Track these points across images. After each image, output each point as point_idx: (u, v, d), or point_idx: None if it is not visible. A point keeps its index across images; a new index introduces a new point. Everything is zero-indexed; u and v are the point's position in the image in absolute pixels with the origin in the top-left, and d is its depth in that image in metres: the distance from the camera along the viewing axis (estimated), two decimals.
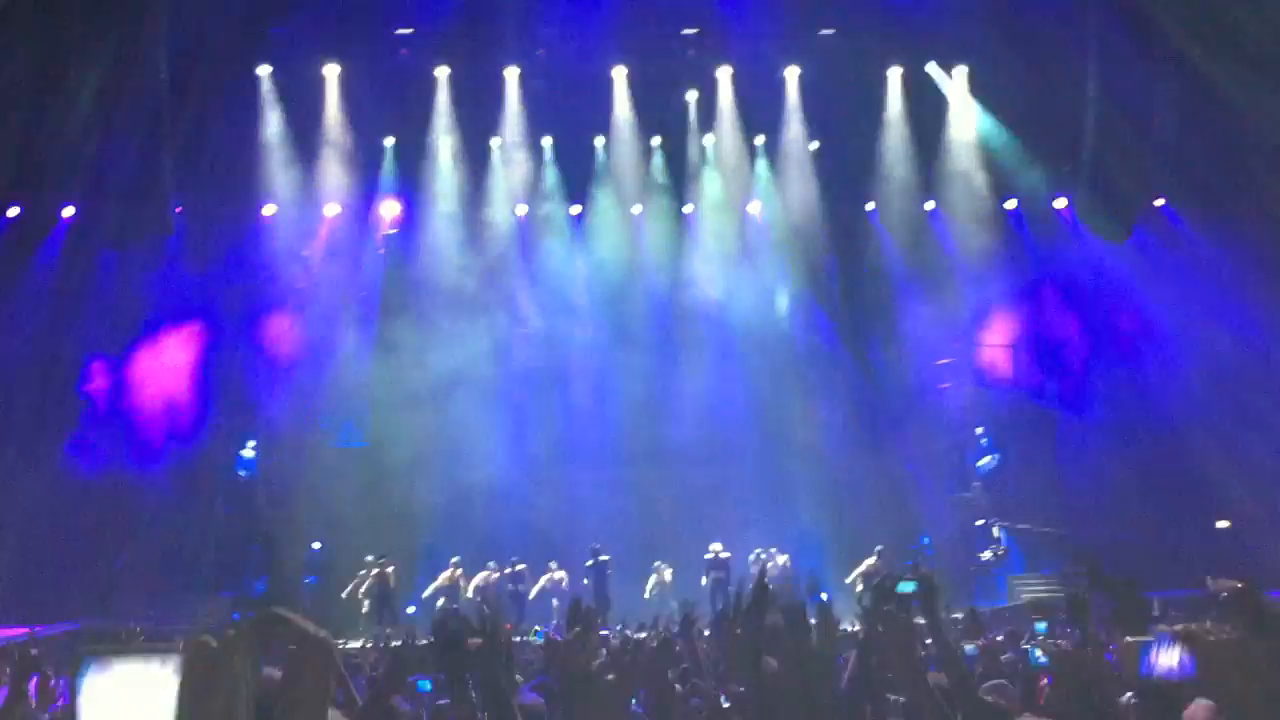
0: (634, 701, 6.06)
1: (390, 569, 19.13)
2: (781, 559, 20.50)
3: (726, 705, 6.07)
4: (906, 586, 5.11)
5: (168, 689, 2.64)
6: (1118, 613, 11.25)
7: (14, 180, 19.37)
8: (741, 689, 5.75)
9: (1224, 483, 19.66)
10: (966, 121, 22.13)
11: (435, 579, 19.52)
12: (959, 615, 17.82)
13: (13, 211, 20.15)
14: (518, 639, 15.49)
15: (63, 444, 18.90)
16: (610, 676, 5.61)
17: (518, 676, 6.00)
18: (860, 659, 5.21)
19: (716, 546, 20.20)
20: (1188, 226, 21.71)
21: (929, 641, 5.69)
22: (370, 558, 19.25)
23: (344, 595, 18.97)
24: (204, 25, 18.91)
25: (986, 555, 20.92)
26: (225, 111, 19.87)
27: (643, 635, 12.56)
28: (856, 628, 14.42)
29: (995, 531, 20.81)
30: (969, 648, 9.97)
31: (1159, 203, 21.95)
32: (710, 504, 21.18)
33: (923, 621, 5.19)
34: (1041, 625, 11.71)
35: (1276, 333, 19.78)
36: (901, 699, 5.47)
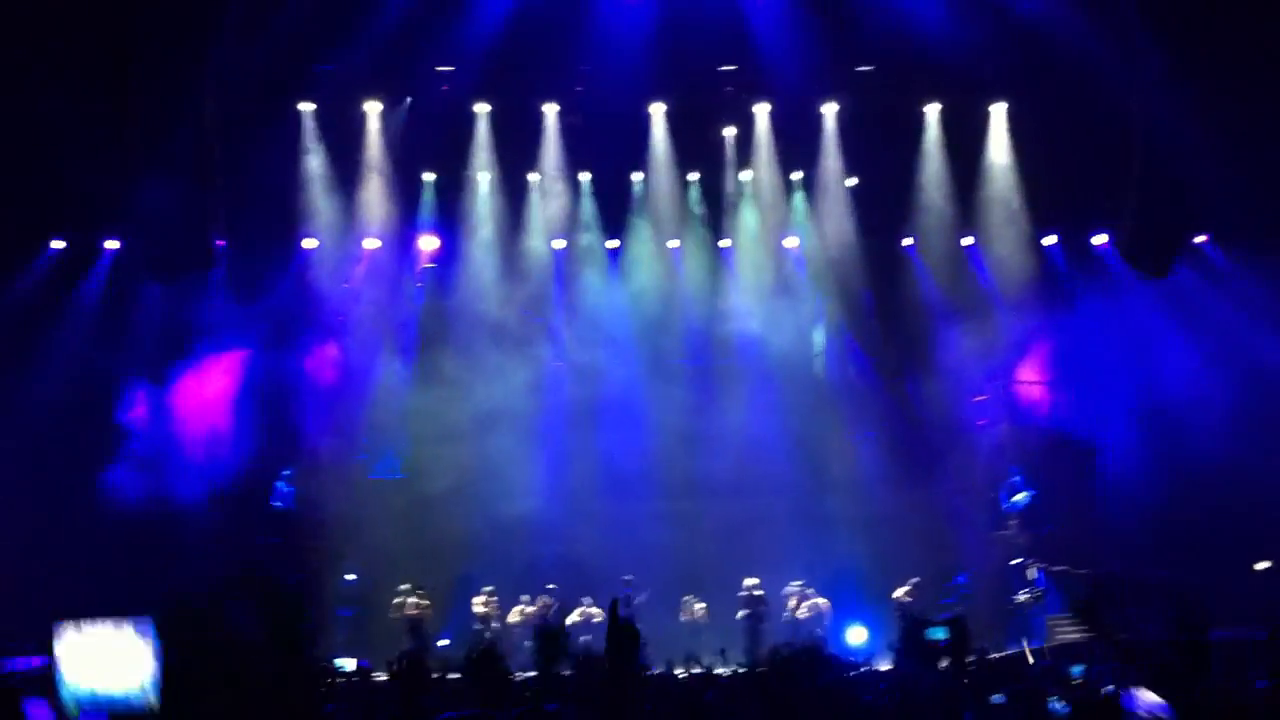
0: None
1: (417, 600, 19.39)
2: (823, 602, 20.51)
3: None
4: (937, 633, 5.17)
5: (144, 647, 2.71)
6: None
7: (57, 213, 19.73)
8: None
9: (1265, 523, 19.49)
10: (1004, 157, 22.07)
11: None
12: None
13: (57, 244, 20.56)
14: None
15: (103, 474, 19.15)
16: None
17: None
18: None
19: (751, 582, 20.17)
20: (1229, 263, 21.58)
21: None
22: (404, 587, 19.45)
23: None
24: (249, 61, 19.14)
25: (1022, 598, 20.75)
26: (268, 146, 20.08)
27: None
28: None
29: (1030, 573, 20.62)
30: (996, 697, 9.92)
31: (1200, 239, 21.81)
32: (747, 537, 21.17)
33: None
34: (1078, 668, 11.60)
35: None
36: None
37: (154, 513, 19.01)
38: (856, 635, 19.61)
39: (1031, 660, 18.48)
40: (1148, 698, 5.73)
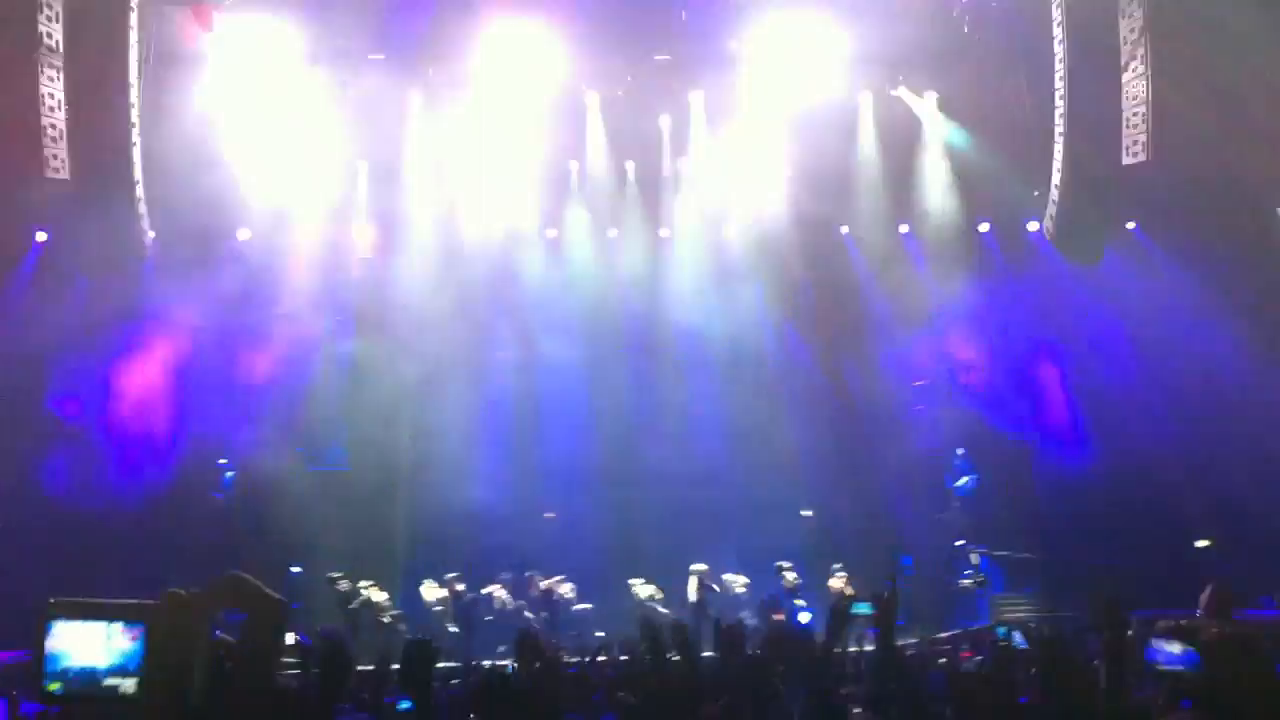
0: None
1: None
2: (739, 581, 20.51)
3: None
4: (862, 608, 5.20)
5: (130, 641, 2.65)
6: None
7: None
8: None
9: (1200, 503, 19.79)
10: (938, 145, 22.31)
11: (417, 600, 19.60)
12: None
13: None
14: None
15: (33, 467, 18.82)
16: None
17: None
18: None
19: (700, 568, 20.18)
20: (1159, 250, 21.90)
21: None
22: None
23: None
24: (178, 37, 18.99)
25: (966, 582, 20.94)
26: (197, 133, 19.84)
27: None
28: None
29: (974, 558, 20.82)
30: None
31: (1130, 225, 22.13)
32: (689, 524, 21.16)
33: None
34: (1003, 629, 11.81)
35: (1246, 355, 19.95)
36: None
37: (88, 503, 18.68)
38: (801, 619, 19.65)
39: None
40: (1171, 648, 5.71)
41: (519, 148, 21.77)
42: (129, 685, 2.53)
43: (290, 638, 15.66)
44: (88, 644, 2.83)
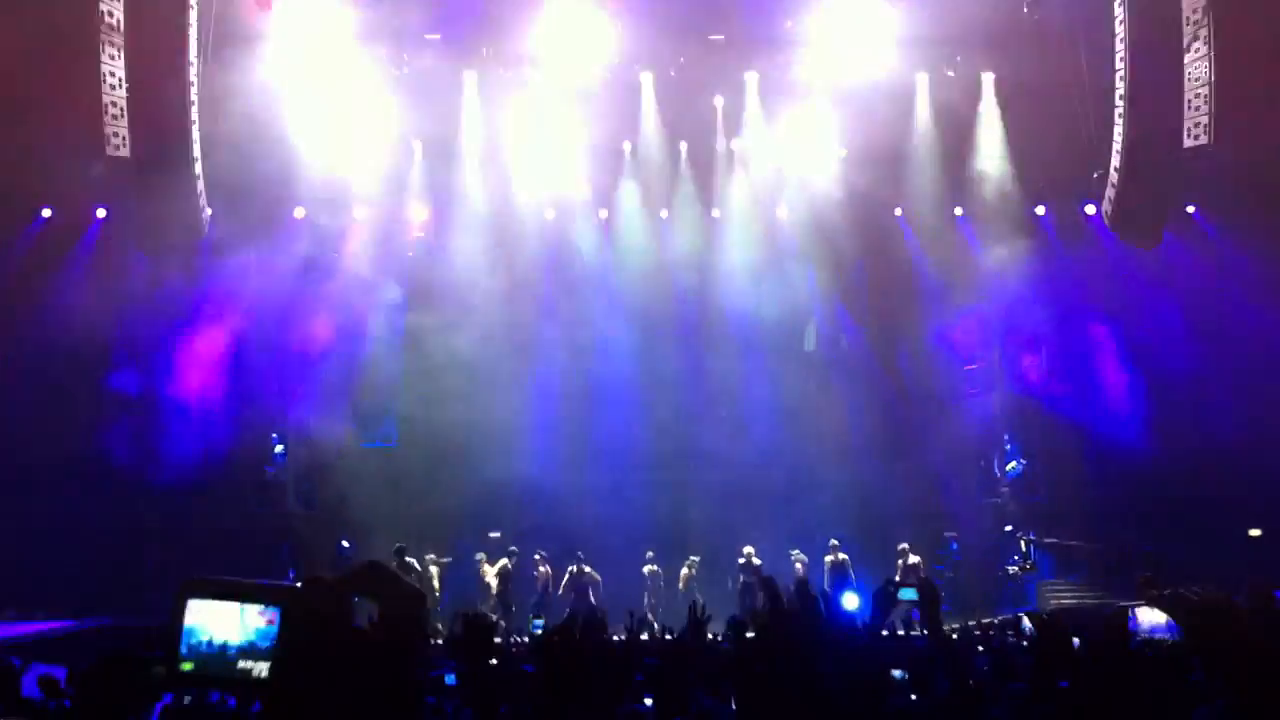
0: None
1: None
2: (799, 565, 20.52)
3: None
4: (908, 593, 5.21)
5: (266, 623, 2.72)
6: None
7: (46, 181, 19.67)
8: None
9: (1256, 492, 19.55)
10: (994, 126, 22.07)
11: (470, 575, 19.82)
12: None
13: (45, 213, 20.55)
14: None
15: (93, 440, 19.15)
16: None
17: None
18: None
19: (749, 550, 20.19)
20: (1218, 233, 21.59)
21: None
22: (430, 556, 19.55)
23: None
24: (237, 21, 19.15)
25: (1014, 569, 20.83)
26: (255, 112, 20.02)
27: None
28: None
29: (1023, 545, 20.70)
30: None
31: (1190, 209, 21.83)
32: (738, 505, 21.17)
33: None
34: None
35: None
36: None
37: (143, 480, 19.00)
38: (849, 601, 19.60)
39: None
40: (1151, 618, 5.75)
41: (573, 127, 21.76)
42: (262, 669, 2.57)
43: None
44: (224, 626, 2.84)
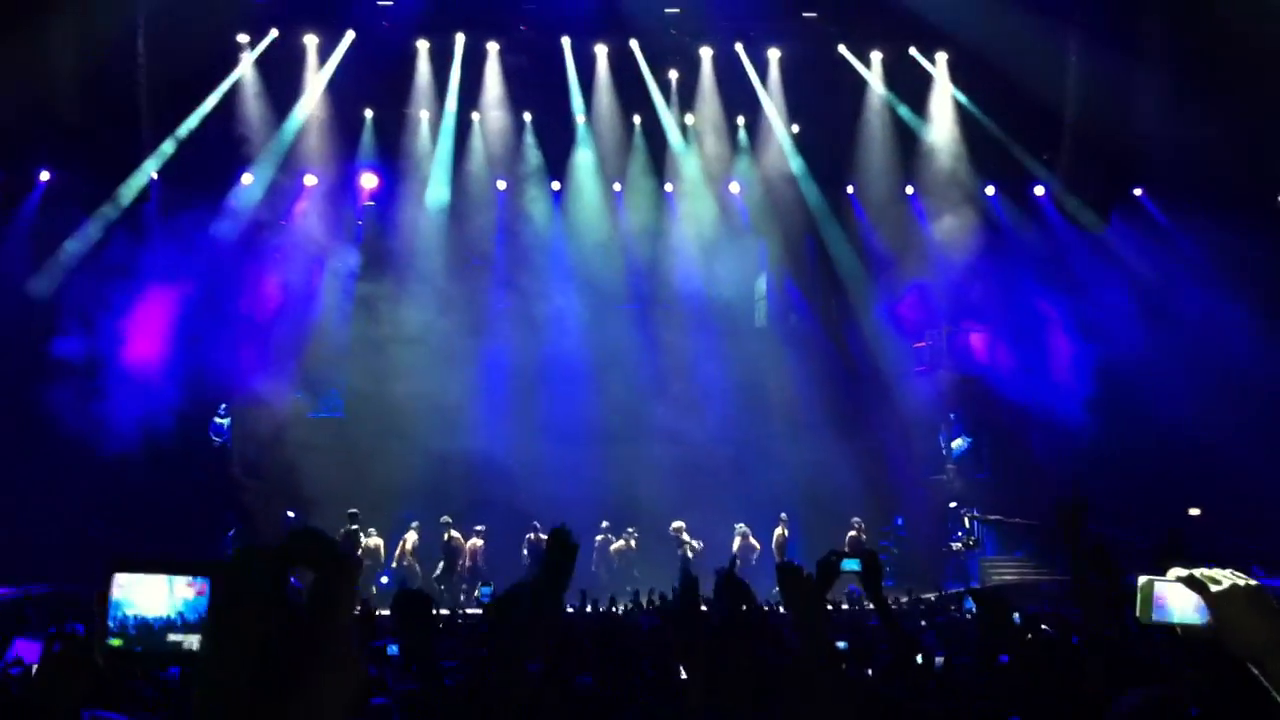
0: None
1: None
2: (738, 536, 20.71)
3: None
4: (851, 564, 5.24)
5: (196, 595, 2.67)
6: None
7: None
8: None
9: (1196, 471, 19.84)
10: (947, 106, 22.18)
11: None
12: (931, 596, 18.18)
13: None
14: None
15: (37, 407, 18.86)
16: None
17: None
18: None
19: (678, 525, 20.34)
20: (1165, 216, 21.85)
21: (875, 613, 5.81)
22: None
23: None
24: None
25: (957, 546, 21.08)
26: (204, 78, 19.77)
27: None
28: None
29: (967, 522, 20.96)
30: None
31: (1137, 192, 22.07)
32: (688, 480, 21.22)
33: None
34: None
35: (1248, 323, 19.95)
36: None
37: (85, 448, 18.75)
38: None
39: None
40: (1184, 603, 5.74)
41: (525, 98, 21.64)
42: (193, 641, 2.51)
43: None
44: (151, 599, 2.77)
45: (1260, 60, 17.82)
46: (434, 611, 8.65)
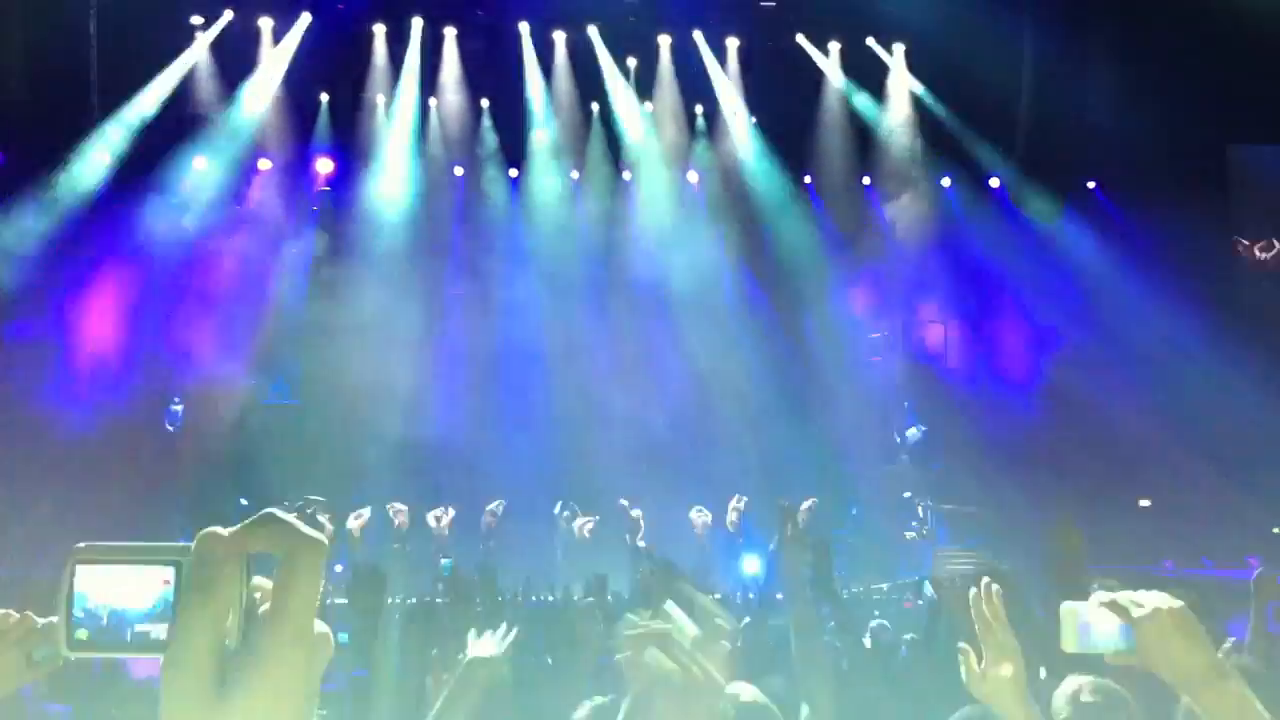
0: None
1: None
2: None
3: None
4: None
5: (162, 585, 2.61)
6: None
7: None
8: None
9: (1148, 463, 20.11)
10: (904, 97, 22.31)
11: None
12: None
13: None
14: None
15: None
16: None
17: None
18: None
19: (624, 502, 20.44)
20: (1118, 209, 22.10)
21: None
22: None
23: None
24: None
25: (911, 535, 21.23)
26: (157, 60, 19.56)
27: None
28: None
29: (920, 510, 21.11)
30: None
31: (1090, 185, 22.29)
32: (644, 466, 21.23)
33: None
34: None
35: (1200, 318, 20.21)
36: None
37: (32, 432, 18.54)
38: (750, 564, 19.84)
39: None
40: (1106, 625, 5.84)
41: (484, 84, 21.56)
42: (160, 632, 2.46)
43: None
44: (115, 590, 2.71)
45: (1213, 50, 18.10)
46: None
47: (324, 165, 21.81)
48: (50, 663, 3.48)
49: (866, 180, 22.94)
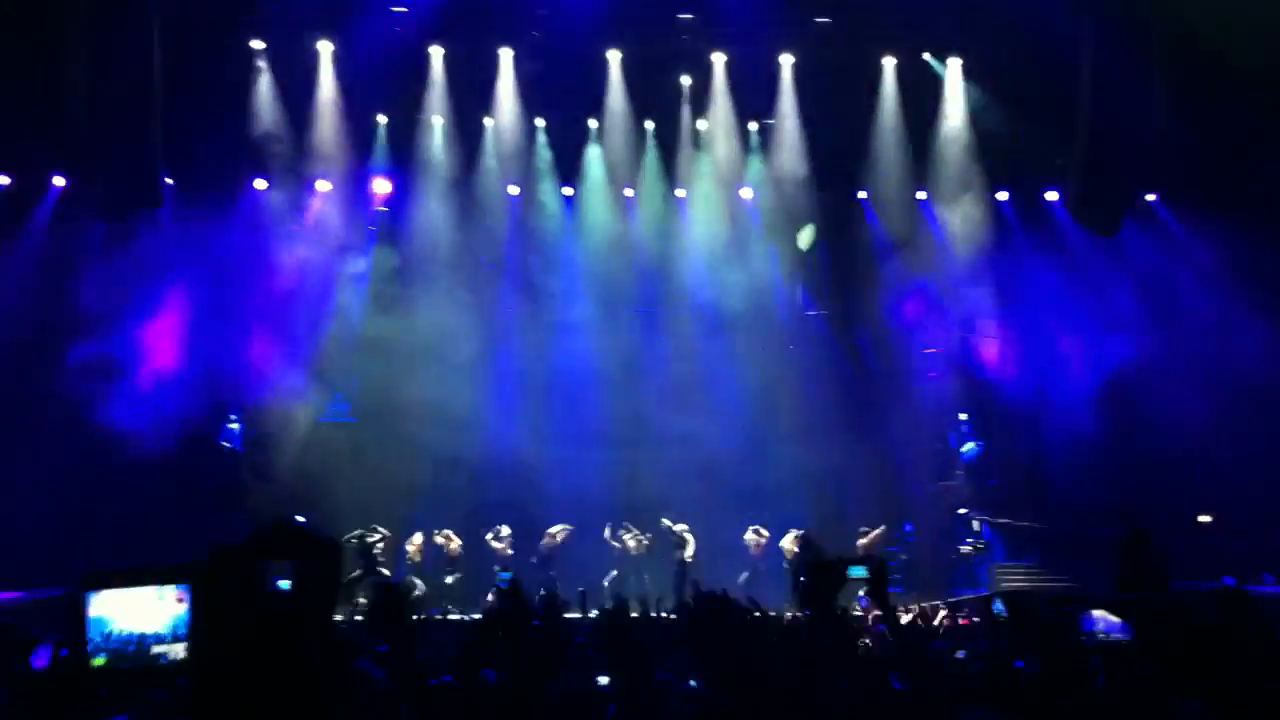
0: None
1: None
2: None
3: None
4: (857, 571, 5.24)
5: (178, 603, 2.62)
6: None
7: (2, 149, 19.45)
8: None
9: (1207, 478, 19.82)
10: (960, 111, 22.12)
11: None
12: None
13: (2, 180, 20.30)
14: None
15: (47, 412, 18.97)
16: None
17: None
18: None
19: (669, 523, 20.46)
20: (1178, 222, 21.81)
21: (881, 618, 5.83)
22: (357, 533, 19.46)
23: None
24: None
25: (966, 549, 21.08)
26: (218, 83, 19.85)
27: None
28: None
29: (975, 525, 20.95)
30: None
31: (1150, 197, 22.00)
32: (696, 485, 21.25)
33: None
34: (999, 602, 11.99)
35: (1261, 331, 19.93)
36: None
37: (98, 453, 18.85)
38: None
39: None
40: (1106, 618, 5.84)
41: (538, 104, 21.68)
42: (179, 651, 2.48)
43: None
44: (131, 612, 2.73)
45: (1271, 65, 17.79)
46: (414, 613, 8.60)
47: (381, 185, 22.02)
48: None
49: (922, 194, 22.76)
